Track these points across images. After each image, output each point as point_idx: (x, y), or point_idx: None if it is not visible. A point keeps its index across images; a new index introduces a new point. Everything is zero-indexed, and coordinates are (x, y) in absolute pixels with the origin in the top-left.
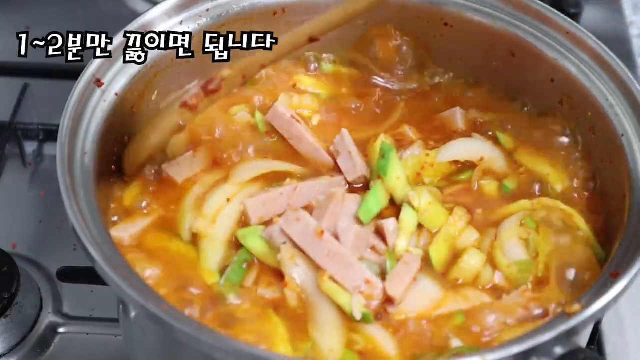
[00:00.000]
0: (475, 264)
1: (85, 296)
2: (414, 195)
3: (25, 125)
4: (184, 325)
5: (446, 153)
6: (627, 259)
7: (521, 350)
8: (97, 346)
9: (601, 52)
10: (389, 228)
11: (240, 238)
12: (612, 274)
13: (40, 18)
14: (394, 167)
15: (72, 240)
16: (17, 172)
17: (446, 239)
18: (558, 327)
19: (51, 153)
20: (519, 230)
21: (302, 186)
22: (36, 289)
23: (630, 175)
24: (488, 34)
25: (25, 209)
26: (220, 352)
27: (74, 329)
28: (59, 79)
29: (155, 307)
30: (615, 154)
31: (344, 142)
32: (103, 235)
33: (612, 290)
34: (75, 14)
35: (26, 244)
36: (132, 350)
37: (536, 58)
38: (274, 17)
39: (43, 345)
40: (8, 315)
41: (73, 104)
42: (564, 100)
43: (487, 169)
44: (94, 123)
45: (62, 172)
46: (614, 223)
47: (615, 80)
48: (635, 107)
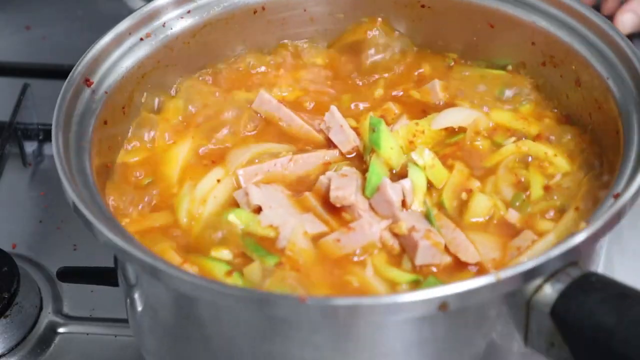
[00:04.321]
0: (485, 204)
1: (85, 296)
2: (416, 155)
3: (25, 125)
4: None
5: (440, 121)
6: (627, 182)
7: (530, 267)
8: (97, 346)
9: (574, 5)
10: (405, 187)
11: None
12: (615, 195)
13: (40, 18)
14: (386, 138)
15: (72, 240)
16: (17, 172)
17: (454, 189)
18: (566, 244)
19: (51, 153)
20: (513, 172)
21: (297, 157)
22: (36, 289)
23: (621, 114)
24: (465, 9)
25: (25, 209)
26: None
27: (74, 329)
28: (59, 79)
29: (157, 260)
30: (604, 98)
31: (334, 117)
32: (100, 203)
33: (615, 207)
34: (75, 14)
35: (26, 244)
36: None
37: (515, 25)
38: (254, 15)
39: (43, 345)
40: (8, 315)
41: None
42: (546, 61)
43: (477, 130)
44: (88, 118)
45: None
46: (610, 157)
47: (593, 29)
48: (616, 50)
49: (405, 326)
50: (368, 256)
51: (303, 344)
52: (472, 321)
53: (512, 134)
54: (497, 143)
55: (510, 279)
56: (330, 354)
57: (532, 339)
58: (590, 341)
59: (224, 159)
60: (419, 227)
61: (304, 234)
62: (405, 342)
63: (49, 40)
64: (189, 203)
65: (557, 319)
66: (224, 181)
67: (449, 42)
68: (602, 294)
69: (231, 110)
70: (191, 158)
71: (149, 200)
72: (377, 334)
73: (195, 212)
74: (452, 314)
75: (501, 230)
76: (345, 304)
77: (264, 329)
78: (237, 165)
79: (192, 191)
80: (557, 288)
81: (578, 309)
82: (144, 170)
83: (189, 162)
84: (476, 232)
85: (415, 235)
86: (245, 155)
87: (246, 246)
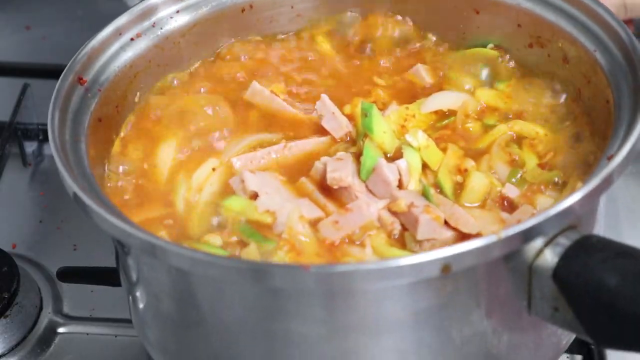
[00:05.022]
0: (482, 182)
1: (85, 296)
2: (410, 137)
3: (25, 125)
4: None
5: (429, 104)
6: (620, 145)
7: (530, 226)
8: (97, 346)
9: None
10: (401, 167)
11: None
12: (608, 157)
13: (40, 18)
14: (378, 122)
15: (72, 240)
16: (17, 172)
17: (449, 170)
18: (565, 202)
19: (51, 153)
20: (506, 151)
21: (292, 145)
22: (36, 289)
23: (611, 84)
24: None
25: (25, 209)
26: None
27: (74, 329)
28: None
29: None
30: (592, 72)
31: (326, 105)
32: (98, 192)
33: (610, 166)
34: (75, 14)
35: (26, 244)
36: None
37: (500, 8)
38: (242, 14)
39: (43, 345)
40: (8, 315)
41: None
42: (533, 42)
43: (466, 113)
44: (82, 115)
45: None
46: (600, 126)
47: (577, 6)
48: (602, 23)
49: (409, 295)
50: (367, 237)
51: (309, 321)
52: (474, 291)
53: (499, 114)
54: (487, 124)
55: (511, 237)
56: (333, 328)
57: (535, 305)
58: (594, 301)
59: (218, 150)
60: (418, 203)
61: (300, 218)
62: (408, 311)
63: (49, 40)
64: (185, 191)
65: (560, 281)
66: (219, 169)
67: (435, 30)
68: (604, 254)
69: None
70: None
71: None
72: (379, 304)
73: (191, 199)
74: (453, 283)
75: (499, 207)
76: (350, 270)
77: (267, 306)
78: (231, 154)
79: (187, 180)
80: (557, 251)
81: (580, 269)
82: (136, 162)
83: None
84: (474, 209)
85: (415, 210)
86: (239, 145)
87: (243, 232)
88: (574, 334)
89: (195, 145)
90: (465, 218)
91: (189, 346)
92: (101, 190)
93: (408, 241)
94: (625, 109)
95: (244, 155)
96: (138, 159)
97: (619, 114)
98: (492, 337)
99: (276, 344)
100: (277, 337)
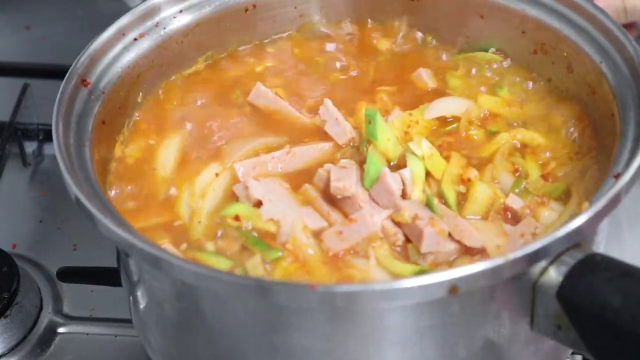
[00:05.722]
0: (485, 192)
1: (85, 296)
2: (414, 145)
3: (25, 125)
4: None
5: (432, 110)
6: (627, 162)
7: (537, 248)
8: (97, 346)
9: None
10: (405, 176)
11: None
12: (615, 175)
13: (40, 18)
14: (382, 129)
15: (72, 240)
16: (17, 172)
17: (453, 179)
18: (571, 224)
19: (51, 153)
20: (509, 160)
21: (296, 150)
22: (36, 289)
23: (616, 97)
24: (455, 1)
25: (25, 209)
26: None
27: (74, 329)
28: (59, 79)
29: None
30: (597, 83)
31: (329, 110)
32: (102, 198)
33: (617, 186)
34: (75, 14)
35: (26, 244)
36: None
37: (505, 13)
38: (245, 13)
39: (43, 345)
40: (8, 315)
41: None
42: (537, 49)
43: (470, 120)
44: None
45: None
46: (605, 140)
47: (584, 15)
48: (608, 35)
49: (414, 313)
50: (371, 248)
51: (312, 335)
52: (479, 309)
53: (503, 121)
54: (490, 132)
55: (518, 259)
56: (336, 343)
57: (538, 323)
58: (597, 321)
59: (220, 153)
60: (422, 214)
61: (304, 229)
62: (413, 328)
63: (49, 40)
64: (188, 197)
65: (564, 300)
66: (222, 175)
67: (439, 35)
68: (608, 274)
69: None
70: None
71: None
72: (384, 321)
73: (195, 206)
74: (458, 301)
75: (502, 218)
76: (356, 290)
77: (271, 320)
78: (234, 159)
79: (190, 186)
80: (562, 270)
81: (584, 288)
82: (137, 165)
83: (182, 159)
84: (477, 221)
85: (420, 222)
86: (242, 149)
87: (247, 241)
88: (576, 350)
89: (198, 148)
90: (469, 231)
91: (190, 353)
92: (104, 195)
93: (411, 253)
94: (630, 124)
95: (247, 161)
96: (139, 162)
97: (624, 128)
98: (495, 352)
99: (279, 357)
100: (280, 349)
